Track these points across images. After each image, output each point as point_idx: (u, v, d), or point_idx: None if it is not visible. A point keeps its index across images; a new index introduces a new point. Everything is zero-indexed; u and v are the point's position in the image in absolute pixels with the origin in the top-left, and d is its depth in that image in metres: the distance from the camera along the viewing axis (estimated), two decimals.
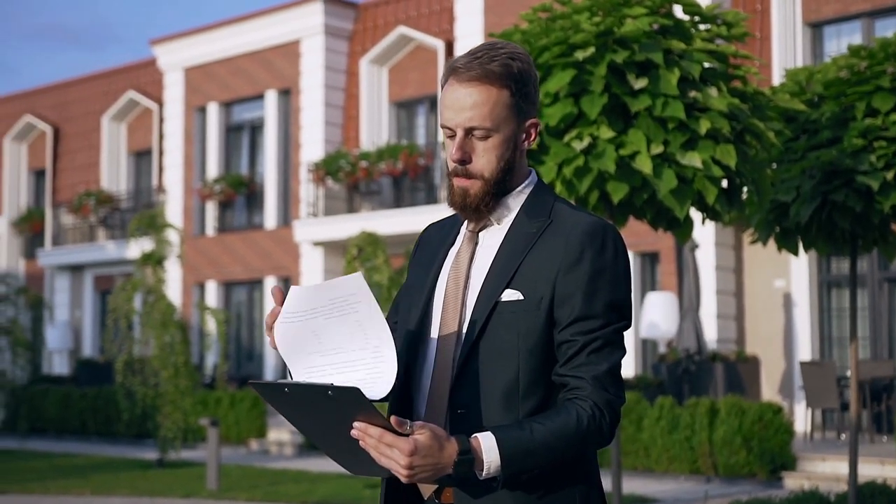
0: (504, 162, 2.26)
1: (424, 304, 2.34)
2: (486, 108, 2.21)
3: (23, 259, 27.24)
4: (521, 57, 2.26)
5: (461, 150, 2.24)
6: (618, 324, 2.22)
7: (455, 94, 2.23)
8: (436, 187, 19.44)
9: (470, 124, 2.22)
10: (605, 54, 6.05)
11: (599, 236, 2.22)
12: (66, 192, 25.99)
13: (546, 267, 2.21)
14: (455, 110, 2.23)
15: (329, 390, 1.97)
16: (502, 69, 2.21)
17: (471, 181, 2.26)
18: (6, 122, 27.77)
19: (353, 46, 21.40)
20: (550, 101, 6.12)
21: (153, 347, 15.05)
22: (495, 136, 2.24)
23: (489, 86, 2.21)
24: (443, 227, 2.46)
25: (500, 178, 2.27)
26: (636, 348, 16.96)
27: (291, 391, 2.03)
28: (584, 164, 6.05)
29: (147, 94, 24.54)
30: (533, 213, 2.29)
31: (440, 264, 2.37)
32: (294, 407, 2.08)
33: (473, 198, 2.27)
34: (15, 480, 13.54)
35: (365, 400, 1.97)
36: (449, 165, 2.29)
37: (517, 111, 2.25)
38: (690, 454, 12.80)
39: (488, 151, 2.24)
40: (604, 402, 2.17)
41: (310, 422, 2.10)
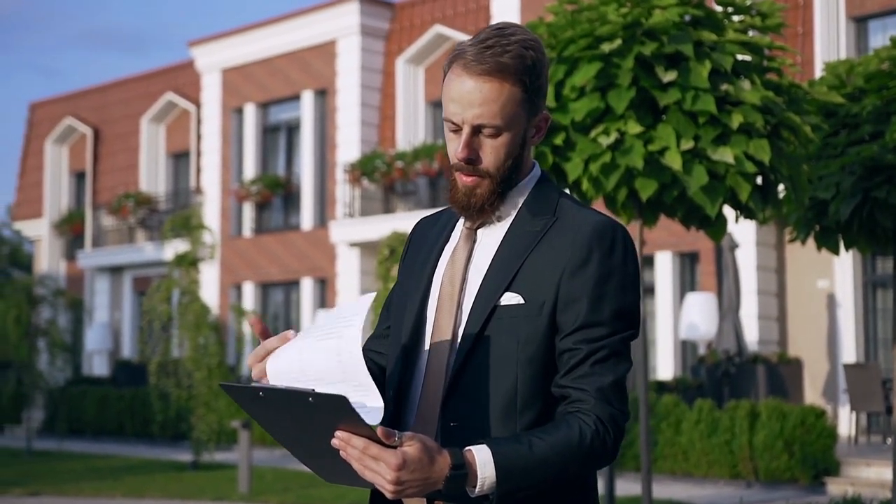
0: (511, 160, 2.08)
1: (418, 307, 2.16)
2: (496, 105, 2.03)
3: (64, 260, 27.41)
4: (534, 45, 2.08)
5: (468, 148, 2.06)
6: (625, 333, 2.03)
7: (463, 86, 2.04)
8: None
9: (479, 122, 2.04)
10: (633, 46, 5.85)
11: (608, 237, 2.04)
12: (106, 194, 26.11)
13: (549, 269, 2.03)
14: (463, 105, 2.04)
15: (310, 397, 1.80)
16: (516, 62, 2.03)
17: (477, 179, 2.08)
18: (48, 125, 27.97)
19: (389, 46, 21.28)
20: (576, 95, 5.93)
21: (187, 349, 15.00)
22: (505, 135, 2.06)
23: (502, 81, 2.02)
24: (436, 223, 2.27)
25: (508, 176, 2.09)
26: (675, 350, 16.68)
27: (267, 396, 1.86)
28: (611, 161, 5.86)
29: (185, 96, 24.59)
30: (536, 210, 2.11)
31: (434, 263, 2.19)
32: (269, 412, 1.92)
33: (479, 197, 2.08)
34: (50, 482, 13.55)
35: (350, 408, 1.80)
36: (451, 160, 2.10)
37: (529, 107, 2.07)
38: (730, 458, 12.52)
39: (497, 149, 2.06)
40: (608, 416, 1.98)
41: (285, 428, 1.94)
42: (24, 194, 28.67)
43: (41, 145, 28.10)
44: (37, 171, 28.23)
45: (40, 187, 27.99)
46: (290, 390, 1.83)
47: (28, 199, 28.46)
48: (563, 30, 6.01)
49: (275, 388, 1.85)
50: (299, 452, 1.98)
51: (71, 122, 27.12)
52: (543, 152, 6.04)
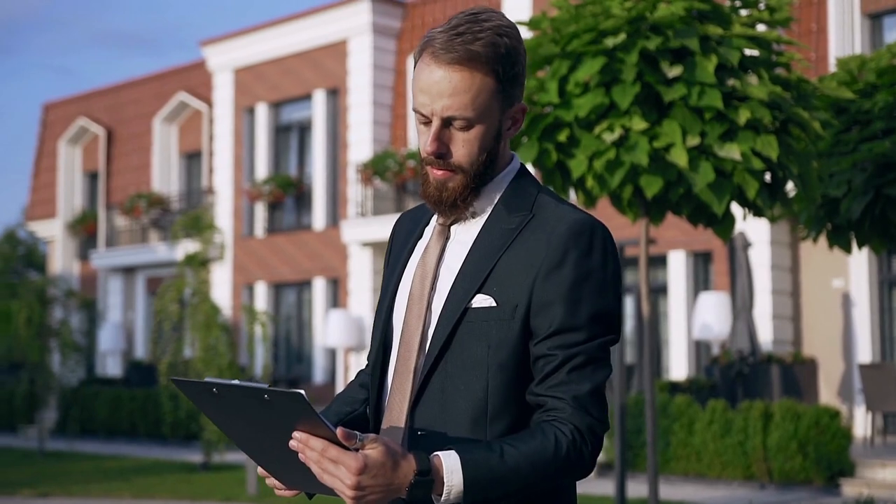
0: (486, 154, 1.97)
1: (387, 308, 2.07)
2: (467, 97, 1.91)
3: (77, 261, 27.43)
4: (509, 32, 1.95)
5: (438, 142, 1.95)
6: (604, 337, 1.92)
7: (431, 76, 1.92)
8: None
9: (448, 113, 1.93)
10: (638, 41, 5.75)
11: (586, 236, 1.93)
12: (120, 194, 26.12)
13: (523, 270, 1.92)
14: (431, 96, 1.93)
15: (266, 394, 1.71)
16: (488, 50, 1.91)
17: (449, 173, 1.97)
18: (61, 125, 28.01)
19: (401, 45, 21.20)
20: (580, 90, 5.82)
21: (197, 349, 14.95)
22: (477, 127, 1.95)
23: (472, 70, 1.91)
24: (415, 217, 2.17)
25: (482, 170, 1.98)
26: (688, 350, 16.55)
27: (221, 392, 1.77)
28: (615, 158, 5.76)
29: (197, 96, 24.57)
30: (513, 206, 2.00)
31: (406, 261, 2.09)
32: (225, 411, 1.82)
33: (451, 191, 1.97)
34: (60, 483, 13.52)
35: (308, 407, 1.70)
36: (422, 153, 2.00)
37: (503, 97, 1.96)
38: (744, 459, 12.38)
39: (469, 143, 1.95)
40: (585, 426, 1.88)
41: (242, 429, 1.85)
42: (38, 195, 28.72)
43: (55, 146, 28.14)
44: (50, 172, 28.27)
45: (54, 188, 28.03)
46: (244, 386, 1.74)
47: (42, 199, 28.51)
48: (567, 24, 5.90)
49: (229, 383, 1.76)
50: (258, 456, 1.89)
51: (84, 122, 27.15)
52: (547, 149, 5.95)
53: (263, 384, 1.73)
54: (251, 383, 1.75)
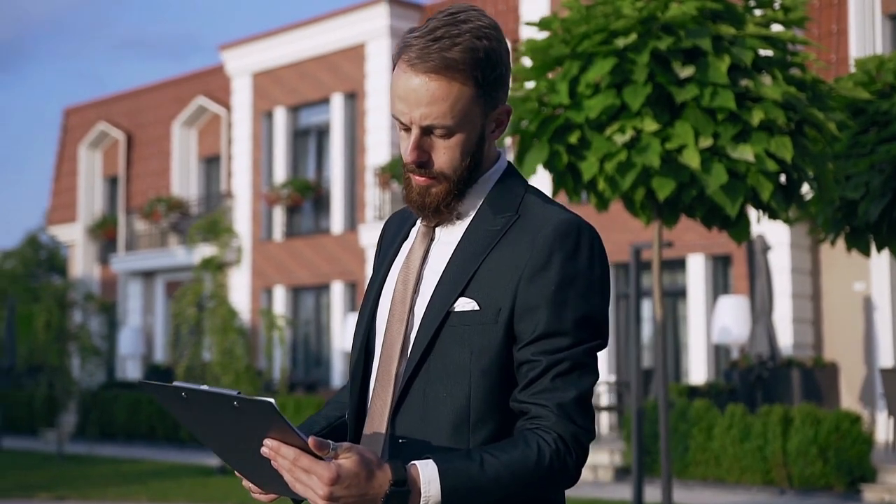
0: (469, 159, 1.92)
1: (370, 311, 2.01)
2: (445, 105, 1.85)
3: (98, 265, 27.53)
4: (489, 33, 1.88)
5: (418, 151, 1.89)
6: (590, 343, 1.85)
7: (409, 84, 1.86)
8: None
9: (427, 122, 1.86)
10: (649, 41, 5.67)
11: (572, 237, 1.86)
12: (139, 199, 26.20)
13: (507, 272, 1.86)
14: (409, 104, 1.87)
15: (235, 401, 1.66)
16: (466, 56, 1.84)
17: (431, 180, 1.92)
18: (82, 130, 28.13)
19: None
20: (591, 92, 5.75)
21: (214, 353, 14.95)
22: (458, 135, 1.89)
23: (450, 79, 1.84)
24: (403, 218, 2.12)
25: (465, 176, 1.93)
26: (707, 353, 16.42)
27: (190, 397, 1.72)
28: (627, 159, 5.69)
29: (216, 100, 24.62)
30: (498, 207, 1.94)
31: (391, 262, 2.04)
32: (195, 415, 1.78)
33: (434, 197, 1.92)
34: (78, 486, 13.54)
35: (277, 415, 1.65)
36: (404, 160, 1.94)
37: (484, 102, 1.90)
38: (763, 465, 12.26)
39: (450, 150, 1.89)
40: (570, 435, 1.81)
41: (214, 433, 1.80)
42: (59, 199, 28.85)
43: (75, 150, 28.26)
44: (71, 177, 28.40)
45: (74, 192, 28.15)
46: (213, 392, 1.69)
47: (63, 203, 28.64)
48: (578, 25, 5.84)
49: (198, 388, 1.71)
50: (234, 460, 1.84)
51: (104, 127, 27.25)
52: (558, 151, 5.89)
53: (233, 391, 1.68)
54: (220, 390, 1.70)
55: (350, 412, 1.99)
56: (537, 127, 5.85)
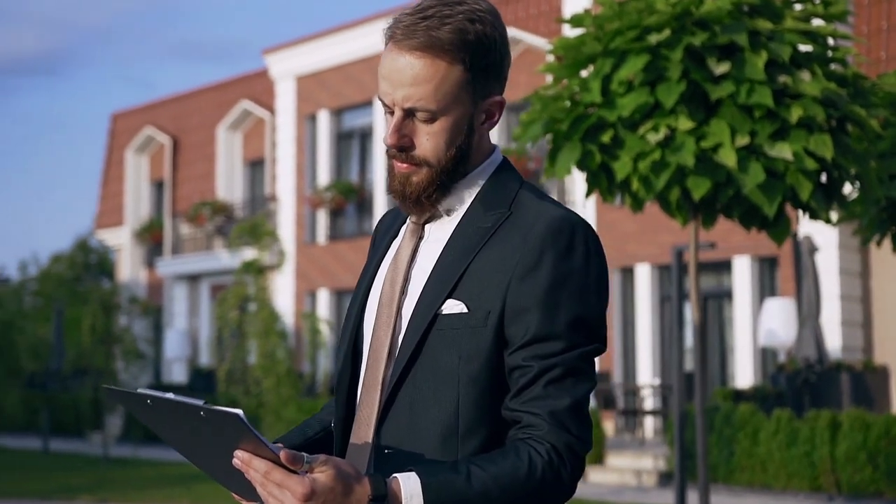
0: (454, 149, 1.81)
1: (357, 313, 1.91)
2: (429, 86, 1.75)
3: (144, 268, 27.75)
4: (483, 17, 1.78)
5: (398, 134, 1.79)
6: (585, 347, 1.74)
7: (393, 62, 1.77)
8: (546, 191, 18.92)
9: (409, 104, 1.77)
10: (683, 37, 5.53)
11: (565, 234, 1.75)
12: (185, 203, 26.37)
13: (497, 272, 1.75)
14: (392, 84, 1.77)
15: (202, 411, 1.58)
16: (454, 37, 1.75)
17: (413, 167, 1.81)
18: (129, 135, 28.37)
19: None
20: (624, 89, 5.62)
21: (256, 356, 14.96)
22: (442, 120, 1.78)
23: (435, 58, 1.75)
24: (396, 214, 2.02)
25: (450, 167, 1.81)
26: (754, 357, 16.16)
27: (156, 405, 1.65)
28: (660, 159, 5.55)
29: (260, 104, 24.71)
30: (490, 203, 1.83)
31: (380, 261, 1.94)
32: (163, 422, 1.72)
33: (415, 187, 1.81)
34: (120, 489, 13.61)
35: (245, 427, 1.57)
36: (384, 143, 1.84)
37: (473, 89, 1.79)
38: (811, 470, 12.02)
39: (434, 136, 1.79)
40: (563, 445, 1.70)
41: (184, 440, 1.73)
42: (107, 204, 29.12)
43: (122, 155, 28.51)
44: (118, 181, 28.66)
45: (122, 197, 28.40)
46: (179, 402, 1.61)
47: (110, 208, 28.91)
48: (610, 21, 5.71)
49: (163, 396, 1.63)
50: (209, 469, 1.76)
51: (151, 131, 27.47)
52: (590, 151, 5.76)
53: (199, 401, 1.59)
54: (186, 399, 1.61)
55: (337, 420, 1.89)
56: (569, 126, 5.73)
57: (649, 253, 17.21)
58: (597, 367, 14.67)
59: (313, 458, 1.61)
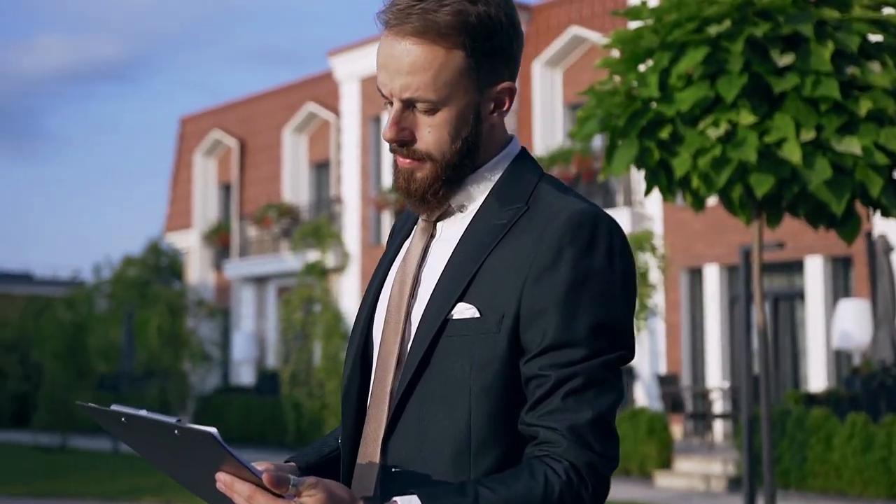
0: (461, 141, 1.66)
1: (366, 318, 1.76)
2: (428, 74, 1.61)
3: (213, 271, 27.97)
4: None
5: (397, 127, 1.65)
6: (610, 354, 1.57)
7: (389, 49, 1.63)
8: (612, 192, 18.68)
9: (408, 94, 1.63)
10: (744, 28, 5.32)
11: (586, 230, 1.59)
12: (252, 205, 26.53)
13: (512, 272, 1.59)
14: (389, 72, 1.64)
15: (176, 429, 1.47)
16: (453, 20, 1.60)
17: (416, 162, 1.67)
18: (197, 138, 28.64)
19: (526, 49, 20.87)
20: (683, 84, 5.42)
21: (320, 358, 14.96)
22: (445, 111, 1.64)
23: (432, 44, 1.61)
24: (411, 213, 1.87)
25: (457, 161, 1.66)
26: (827, 359, 15.74)
27: (130, 422, 1.55)
28: (721, 155, 5.34)
29: (326, 106, 24.76)
30: (506, 198, 1.67)
31: (391, 263, 1.80)
32: (139, 439, 1.61)
33: (420, 183, 1.67)
34: (185, 491, 13.62)
35: (219, 448, 1.45)
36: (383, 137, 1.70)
37: (477, 76, 1.64)
38: (887, 477, 11.63)
39: (437, 128, 1.64)
40: (584, 463, 1.53)
41: (165, 458, 1.62)
42: (176, 207, 29.43)
43: (190, 158, 28.79)
44: (187, 184, 28.94)
45: (190, 200, 28.68)
46: (152, 419, 1.50)
47: (179, 211, 29.21)
48: (668, 13, 5.51)
49: (136, 414, 1.52)
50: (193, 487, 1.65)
51: (218, 134, 27.69)
52: (648, 147, 5.56)
53: (173, 418, 1.47)
54: (160, 416, 1.50)
55: (344, 438, 1.75)
56: (626, 122, 5.54)
57: (718, 253, 16.87)
58: (663, 370, 14.33)
59: (300, 481, 1.47)
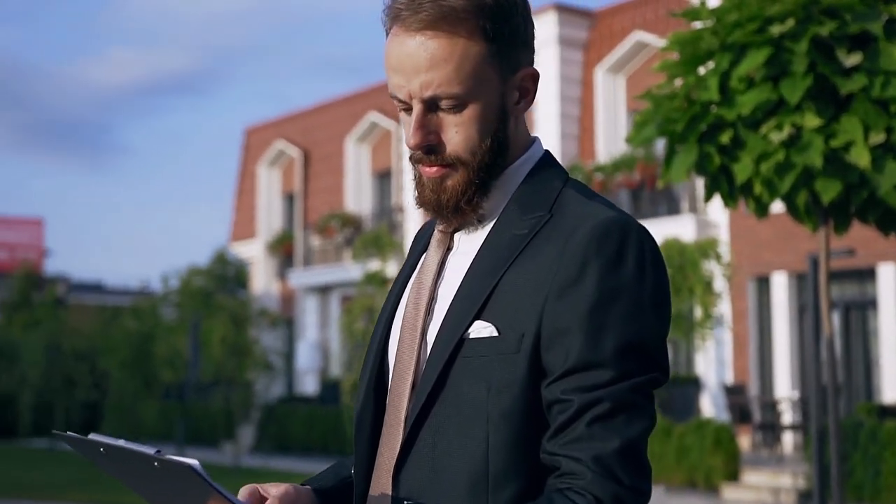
0: (491, 138, 1.52)
1: (381, 338, 1.63)
2: (450, 67, 1.47)
3: (277, 280, 28.10)
4: None
5: (423, 131, 1.50)
6: (639, 377, 1.42)
7: (402, 48, 1.49)
8: (676, 198, 18.37)
9: (430, 93, 1.49)
10: (809, 27, 5.11)
11: (613, 239, 1.44)
12: (315, 215, 26.62)
13: (532, 287, 1.45)
14: (406, 73, 1.50)
15: (155, 461, 1.39)
16: (468, 3, 1.47)
17: (445, 169, 1.52)
18: (260, 149, 28.82)
19: (589, 56, 20.67)
20: (744, 86, 5.22)
21: None
22: (472, 106, 1.50)
23: (451, 33, 1.47)
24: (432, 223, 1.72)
25: (489, 161, 1.52)
26: None
27: (109, 453, 1.47)
28: (785, 159, 5.13)
29: (388, 115, 24.75)
30: (528, 205, 1.53)
31: (407, 275, 1.66)
32: (120, 468, 1.53)
33: (451, 192, 1.53)
34: None
35: (198, 481, 1.36)
36: (407, 145, 1.55)
37: (500, 63, 1.51)
38: None
39: (464, 127, 1.50)
40: (611, 497, 1.39)
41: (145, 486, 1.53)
42: (241, 216, 29.64)
43: (255, 168, 28.98)
44: (251, 194, 29.13)
45: (254, 209, 28.86)
46: (131, 450, 1.42)
47: (244, 221, 29.41)
48: (729, 13, 5.32)
49: (115, 444, 1.44)
50: None
51: (282, 145, 27.84)
52: (709, 153, 5.37)
53: (151, 449, 1.38)
54: (139, 447, 1.40)
55: (358, 467, 1.61)
56: (685, 126, 5.36)
57: (786, 260, 16.51)
58: (730, 380, 13.98)
59: None
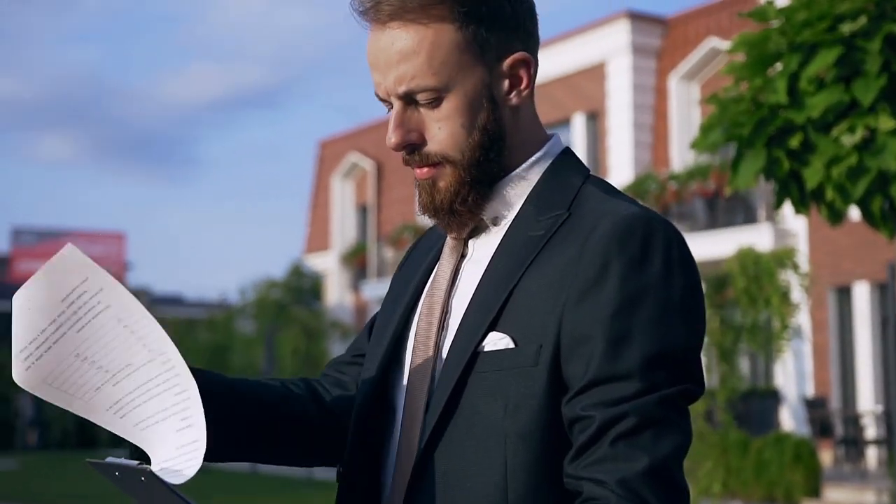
0: (478, 132, 1.40)
1: (389, 348, 1.50)
2: (420, 58, 1.36)
3: (351, 292, 28.19)
4: None
5: (402, 130, 1.40)
6: (668, 388, 1.28)
7: (376, 43, 1.39)
8: (753, 207, 17.99)
9: (404, 87, 1.38)
10: (883, 25, 4.89)
11: (637, 238, 1.31)
12: (388, 227, 26.67)
13: (549, 293, 1.32)
14: (380, 70, 1.39)
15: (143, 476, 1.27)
16: None
17: (433, 168, 1.41)
18: (334, 161, 28.99)
19: (662, 63, 20.39)
20: (814, 88, 5.01)
21: None
22: (451, 98, 1.38)
23: (416, 22, 1.36)
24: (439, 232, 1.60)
25: (479, 156, 1.40)
26: None
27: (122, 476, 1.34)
28: (858, 163, 4.91)
29: None
30: (545, 205, 1.41)
31: (418, 286, 1.53)
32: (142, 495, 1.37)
33: (444, 192, 1.42)
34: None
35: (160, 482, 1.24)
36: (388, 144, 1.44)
37: (480, 49, 1.39)
38: None
39: (446, 122, 1.39)
40: None
41: None
42: (315, 229, 29.85)
43: (329, 181, 29.15)
44: (325, 207, 29.31)
45: (329, 222, 29.03)
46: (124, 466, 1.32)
47: (318, 233, 29.61)
48: (798, 12, 5.12)
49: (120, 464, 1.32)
50: None
51: (356, 157, 27.98)
52: (777, 157, 5.16)
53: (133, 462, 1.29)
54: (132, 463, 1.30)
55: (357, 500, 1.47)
56: (752, 130, 5.17)
57: (867, 270, 16.05)
58: (811, 393, 13.58)
59: None
